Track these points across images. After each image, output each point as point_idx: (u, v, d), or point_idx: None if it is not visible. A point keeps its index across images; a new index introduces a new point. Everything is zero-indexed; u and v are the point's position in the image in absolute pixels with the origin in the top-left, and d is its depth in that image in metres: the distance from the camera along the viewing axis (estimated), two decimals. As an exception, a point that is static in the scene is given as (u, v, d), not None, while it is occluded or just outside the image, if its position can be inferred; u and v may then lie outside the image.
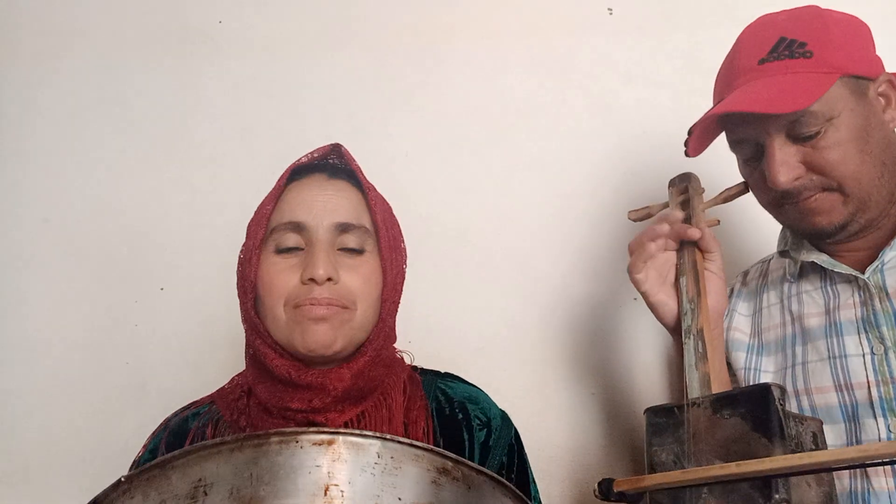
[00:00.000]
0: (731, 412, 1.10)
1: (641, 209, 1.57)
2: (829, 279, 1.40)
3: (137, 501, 0.67)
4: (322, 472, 0.64)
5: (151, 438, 1.34)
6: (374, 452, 0.66)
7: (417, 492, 0.66)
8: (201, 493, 0.64)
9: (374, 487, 0.65)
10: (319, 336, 1.21)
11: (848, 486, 1.25)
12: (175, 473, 0.66)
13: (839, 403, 1.30)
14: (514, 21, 2.15)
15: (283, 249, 1.26)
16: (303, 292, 1.22)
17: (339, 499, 0.63)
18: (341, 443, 0.66)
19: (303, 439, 0.66)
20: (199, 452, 0.66)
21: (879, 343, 1.27)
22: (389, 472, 0.66)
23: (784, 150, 1.29)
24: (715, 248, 1.40)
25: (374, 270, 1.28)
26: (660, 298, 1.39)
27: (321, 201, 1.26)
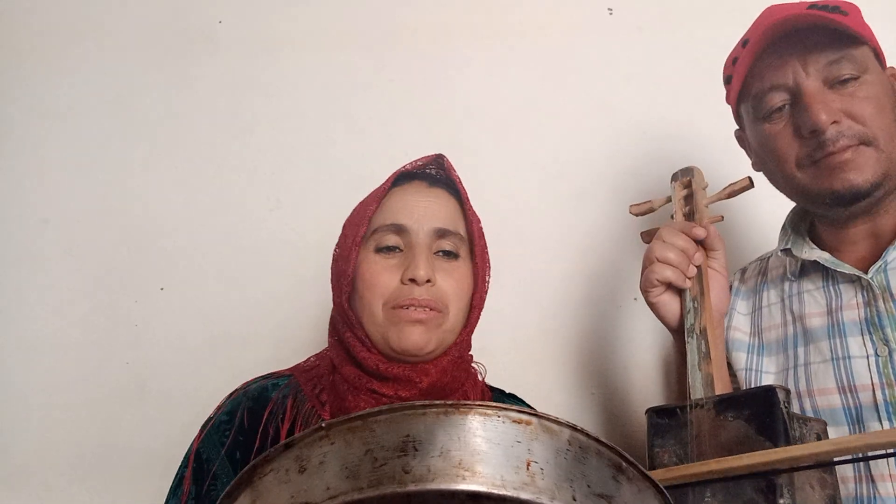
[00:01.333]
0: (735, 414, 1.10)
1: (643, 203, 1.57)
2: (831, 279, 1.38)
3: (339, 447, 0.67)
4: (523, 447, 0.66)
5: (229, 400, 1.36)
6: (566, 439, 0.68)
7: (602, 483, 0.68)
8: (411, 448, 0.66)
9: (567, 471, 0.66)
10: (415, 337, 1.27)
11: (854, 492, 1.24)
12: (379, 427, 0.67)
13: (843, 406, 1.28)
14: (514, 21, 2.14)
15: (382, 248, 1.32)
16: (403, 293, 1.28)
17: (539, 475, 0.65)
18: (537, 425, 0.67)
19: (504, 415, 0.67)
20: (405, 411, 0.68)
21: (884, 345, 1.26)
22: (579, 460, 0.67)
23: (823, 93, 1.30)
24: (719, 245, 1.39)
25: (466, 276, 1.36)
26: (662, 298, 1.39)
27: (422, 207, 1.33)
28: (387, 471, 0.65)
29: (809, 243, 1.42)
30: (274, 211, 2.05)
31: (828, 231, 1.43)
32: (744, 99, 1.44)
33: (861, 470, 1.24)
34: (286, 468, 0.69)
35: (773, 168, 1.41)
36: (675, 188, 1.53)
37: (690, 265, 1.36)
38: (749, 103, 1.42)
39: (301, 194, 2.05)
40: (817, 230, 1.46)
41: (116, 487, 1.89)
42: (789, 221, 1.50)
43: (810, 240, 1.44)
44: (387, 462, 0.66)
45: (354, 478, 0.66)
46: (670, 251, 1.36)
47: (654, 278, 1.37)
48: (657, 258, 1.37)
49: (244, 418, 1.30)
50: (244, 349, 1.95)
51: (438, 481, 0.64)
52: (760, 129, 1.40)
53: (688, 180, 1.51)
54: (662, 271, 1.36)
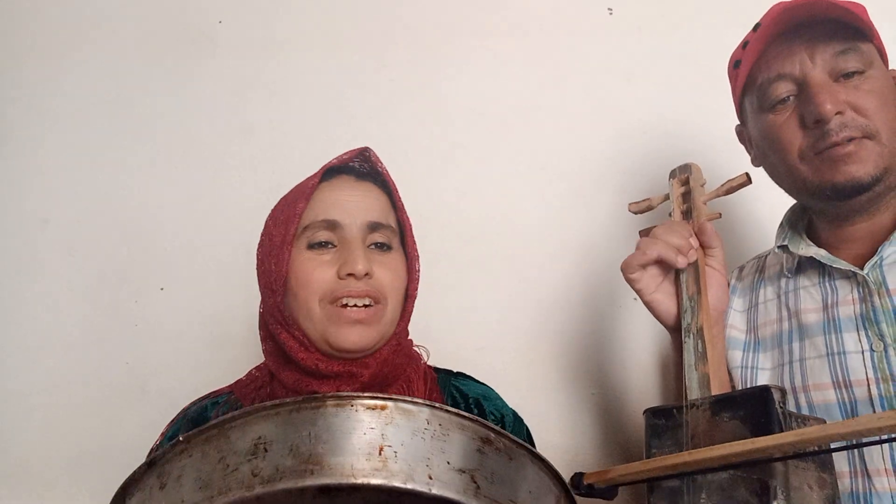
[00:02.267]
0: (731, 415, 1.09)
1: (642, 201, 1.57)
2: (827, 275, 1.38)
3: (196, 458, 0.69)
4: (376, 433, 0.68)
5: (170, 426, 1.38)
6: (424, 419, 0.70)
7: (464, 458, 0.70)
8: (262, 450, 0.67)
9: (425, 451, 0.68)
10: (354, 337, 1.27)
11: (849, 487, 1.23)
12: (234, 432, 0.69)
13: (838, 401, 1.28)
14: (514, 21, 2.14)
15: (315, 244, 1.30)
16: (340, 286, 1.27)
17: (392, 459, 0.67)
18: (393, 408, 0.69)
19: (357, 403, 0.69)
20: (258, 413, 0.69)
21: (879, 340, 1.26)
22: (438, 438, 0.69)
23: (829, 84, 1.31)
24: (716, 243, 1.39)
25: (400, 266, 1.35)
26: (656, 296, 1.39)
27: (353, 201, 1.33)
28: (237, 476, 0.66)
29: (806, 240, 1.42)
30: (274, 211, 2.05)
31: (825, 228, 1.43)
32: (748, 91, 1.44)
33: (856, 465, 1.24)
34: (150, 486, 0.72)
35: (775, 160, 1.41)
36: (672, 185, 1.53)
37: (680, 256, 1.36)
38: (754, 95, 1.42)
39: (301, 194, 2.05)
40: (815, 228, 1.46)
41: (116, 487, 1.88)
42: (787, 219, 1.50)
43: (808, 237, 1.44)
44: (238, 467, 0.67)
45: (206, 487, 0.67)
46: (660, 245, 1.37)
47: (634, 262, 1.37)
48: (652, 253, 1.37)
49: None
50: (244, 349, 1.95)
51: (285, 480, 0.65)
52: (764, 120, 1.40)
53: (685, 177, 1.51)
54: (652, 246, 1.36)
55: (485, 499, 0.69)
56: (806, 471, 1.02)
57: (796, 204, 1.50)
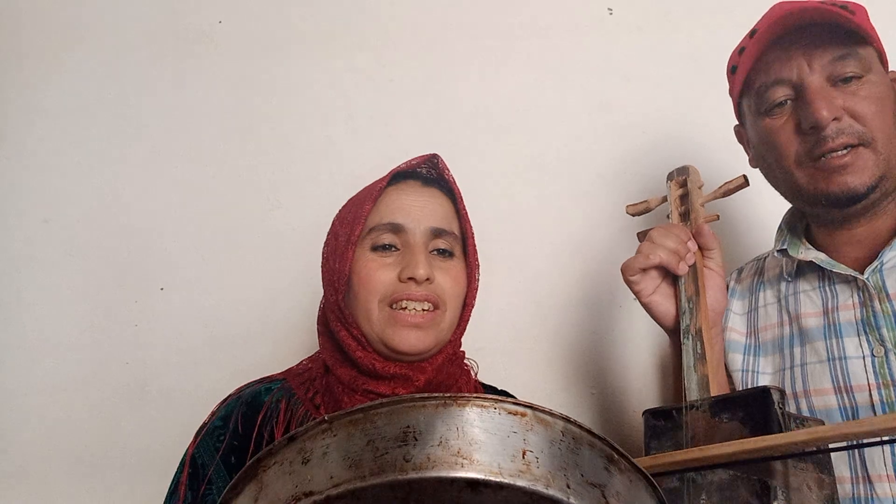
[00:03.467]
0: (730, 416, 1.10)
1: (640, 203, 1.57)
2: (827, 279, 1.38)
3: (341, 439, 0.71)
4: (518, 437, 0.69)
5: (222, 406, 1.37)
6: (559, 430, 0.71)
7: (595, 473, 0.71)
8: (412, 438, 0.69)
9: (561, 460, 0.70)
10: (412, 340, 1.29)
11: (851, 492, 1.24)
12: (380, 419, 0.70)
13: (839, 406, 1.28)
14: (514, 21, 2.14)
15: (379, 247, 1.33)
16: (400, 289, 1.29)
17: (534, 463, 0.68)
18: (532, 416, 0.71)
19: (500, 407, 0.71)
20: (405, 403, 0.71)
21: (880, 345, 1.26)
22: (572, 451, 0.71)
23: (826, 89, 1.32)
24: (714, 245, 1.39)
25: (461, 274, 1.37)
26: (654, 298, 1.39)
27: (418, 206, 1.35)
28: (388, 459, 0.68)
29: (805, 244, 1.43)
30: (274, 211, 2.05)
31: (824, 232, 1.43)
32: (746, 93, 1.45)
33: (858, 470, 1.24)
34: (290, 460, 0.72)
35: (772, 163, 1.41)
36: (670, 187, 1.53)
37: (682, 263, 1.37)
38: (752, 97, 1.42)
39: (301, 194, 2.05)
40: (813, 231, 1.46)
41: (116, 487, 1.89)
42: (785, 222, 1.50)
43: (806, 240, 1.44)
44: (388, 451, 0.68)
45: (357, 466, 0.68)
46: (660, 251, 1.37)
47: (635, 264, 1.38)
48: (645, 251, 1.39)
49: (238, 423, 1.31)
50: (244, 349, 1.95)
51: (438, 469, 0.67)
52: (761, 124, 1.41)
53: (683, 179, 1.51)
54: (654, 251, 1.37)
55: None
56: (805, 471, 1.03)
57: (794, 206, 1.50)
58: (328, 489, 0.68)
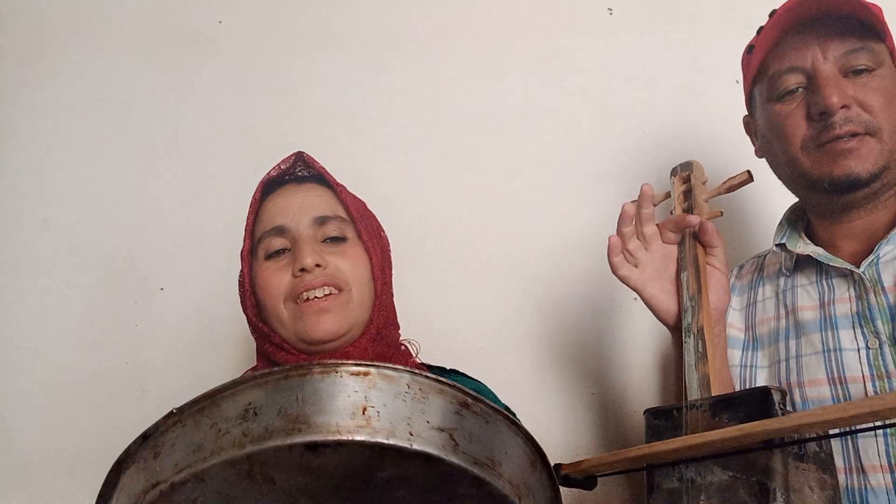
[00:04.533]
0: (731, 415, 1.09)
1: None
2: (824, 273, 1.39)
3: (189, 428, 0.73)
4: (360, 396, 0.72)
5: None
6: (405, 383, 0.74)
7: (443, 418, 0.74)
8: (251, 414, 0.71)
9: (405, 411, 0.73)
10: (324, 325, 1.30)
11: (845, 483, 1.24)
12: (225, 401, 0.73)
13: (833, 397, 1.30)
14: (514, 21, 2.14)
15: (271, 254, 1.37)
16: (297, 283, 1.32)
17: (375, 418, 0.71)
18: (376, 374, 0.74)
19: (342, 370, 0.73)
20: (248, 382, 0.73)
21: (874, 338, 1.27)
22: (418, 400, 0.73)
23: (838, 78, 1.34)
24: (718, 241, 1.39)
25: (359, 254, 1.39)
26: (653, 294, 1.39)
27: (296, 203, 1.38)
28: (228, 438, 0.71)
29: (804, 238, 1.44)
30: (274, 211, 2.04)
31: (823, 226, 1.44)
32: (759, 79, 1.46)
33: (851, 461, 1.25)
34: (144, 458, 0.75)
35: (777, 150, 1.43)
36: (674, 183, 1.52)
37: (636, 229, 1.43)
38: (764, 84, 1.44)
39: (301, 194, 2.05)
40: (813, 226, 1.47)
41: (116, 487, 1.88)
42: (786, 217, 1.52)
43: (806, 236, 1.45)
44: (229, 431, 0.71)
45: (199, 450, 0.71)
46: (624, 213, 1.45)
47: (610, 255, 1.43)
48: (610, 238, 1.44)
49: None
50: (244, 349, 1.95)
51: (275, 438, 0.69)
52: (771, 110, 1.42)
53: (687, 175, 1.51)
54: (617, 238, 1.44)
55: (463, 455, 0.74)
56: (806, 472, 1.02)
57: (796, 203, 1.52)
58: (172, 476, 0.71)
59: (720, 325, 1.39)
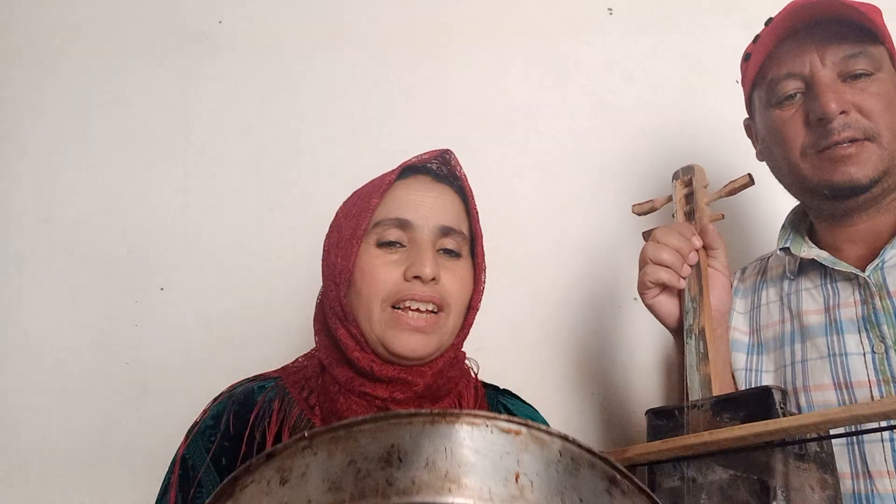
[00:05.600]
0: (732, 415, 1.10)
1: (645, 203, 1.56)
2: (829, 277, 1.39)
3: (321, 458, 0.66)
4: (512, 459, 0.65)
5: (213, 404, 1.33)
6: (557, 450, 0.67)
7: (594, 497, 0.67)
8: (396, 459, 0.64)
9: (558, 483, 0.65)
10: (413, 345, 1.23)
11: (851, 488, 1.24)
12: (363, 437, 0.66)
13: (838, 402, 1.29)
14: (514, 21, 2.15)
15: (384, 243, 1.27)
16: (405, 288, 1.24)
17: (528, 488, 0.64)
18: (527, 434, 0.66)
19: (493, 424, 0.66)
20: (391, 420, 0.66)
21: (880, 342, 1.27)
22: (570, 473, 0.66)
23: (836, 84, 1.33)
24: (719, 244, 1.39)
25: (467, 275, 1.32)
26: (658, 298, 1.39)
27: (428, 203, 1.29)
28: (370, 483, 0.64)
29: (808, 242, 1.43)
30: (274, 211, 2.04)
31: (827, 230, 1.44)
32: (758, 85, 1.46)
33: (858, 466, 1.24)
34: (268, 479, 0.68)
35: (778, 155, 1.43)
36: (676, 187, 1.53)
37: (685, 264, 1.37)
38: (763, 89, 1.44)
39: (301, 194, 2.05)
40: (816, 229, 1.47)
41: (116, 487, 1.89)
42: (789, 221, 1.51)
43: (809, 239, 1.45)
44: (370, 473, 0.64)
45: (337, 490, 0.64)
46: (664, 252, 1.37)
47: (648, 280, 1.37)
48: (651, 259, 1.38)
49: (230, 423, 1.26)
50: (244, 349, 1.95)
51: (423, 494, 0.63)
52: (771, 115, 1.42)
53: (688, 178, 1.51)
54: (656, 273, 1.36)
55: None
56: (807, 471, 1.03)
57: (798, 206, 1.52)
58: None
59: (722, 327, 1.39)
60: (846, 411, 0.87)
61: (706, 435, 0.99)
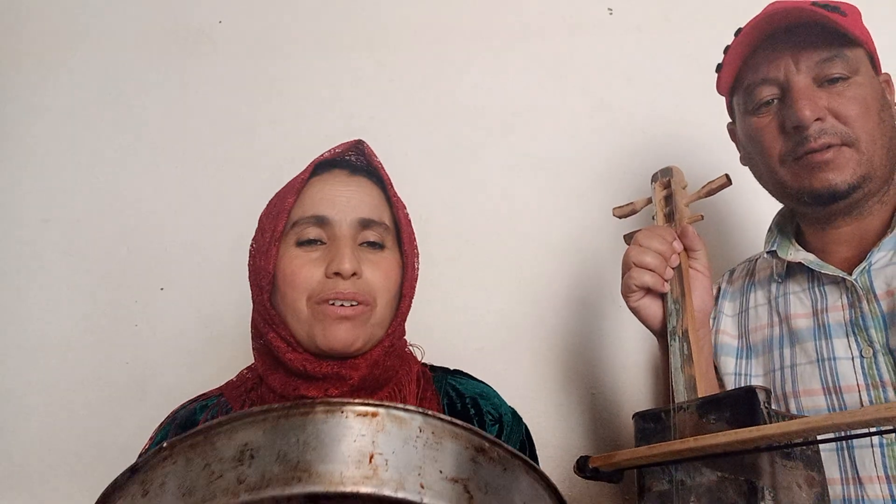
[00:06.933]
0: (717, 416, 1.10)
1: (626, 206, 1.57)
2: (816, 280, 1.39)
3: (180, 466, 0.67)
4: (367, 440, 0.65)
5: (159, 430, 1.35)
6: (416, 426, 0.67)
7: (457, 467, 0.67)
8: (247, 457, 0.65)
9: (417, 459, 0.66)
10: (341, 335, 1.22)
11: (841, 494, 1.24)
12: (220, 439, 0.66)
13: (828, 407, 1.29)
14: (514, 21, 2.14)
15: (304, 242, 1.27)
16: (327, 286, 1.23)
17: (383, 467, 0.64)
18: (385, 415, 0.67)
19: (348, 410, 0.67)
20: (245, 419, 0.67)
21: (868, 346, 1.26)
22: (431, 447, 0.67)
23: (811, 90, 1.32)
24: (699, 245, 1.39)
25: (393, 266, 1.31)
26: (641, 302, 1.39)
27: (345, 197, 1.29)
28: (221, 484, 0.64)
29: (795, 245, 1.43)
30: (274, 211, 2.05)
31: (813, 232, 1.43)
32: (736, 91, 1.46)
33: (848, 472, 1.24)
34: (132, 494, 0.69)
35: (758, 162, 1.43)
36: (655, 189, 1.53)
37: (668, 267, 1.36)
38: (741, 95, 1.44)
39: (301, 194, 2.05)
40: (803, 231, 1.47)
41: (116, 487, 1.89)
42: (775, 223, 1.51)
43: (796, 241, 1.44)
44: (223, 474, 0.65)
45: (189, 495, 0.65)
46: (647, 255, 1.37)
47: (632, 284, 1.37)
48: (634, 263, 1.38)
49: None
50: (244, 349, 1.94)
51: (273, 487, 0.63)
52: (748, 122, 1.42)
53: (667, 180, 1.51)
54: (640, 276, 1.36)
55: None
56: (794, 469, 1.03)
57: (784, 208, 1.51)
58: None
59: (705, 328, 1.38)
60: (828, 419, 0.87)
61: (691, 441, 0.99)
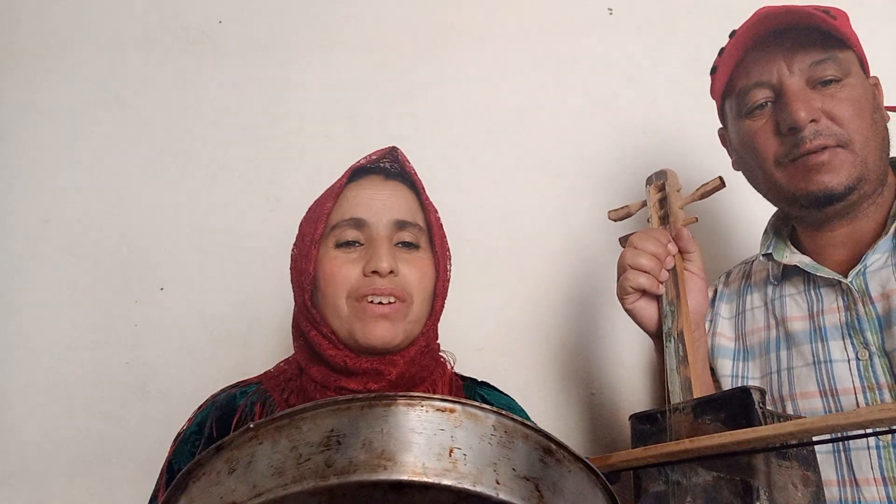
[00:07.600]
0: (713, 417, 1.10)
1: (621, 209, 1.57)
2: (812, 283, 1.39)
3: (266, 447, 0.70)
4: (446, 435, 0.68)
5: (198, 412, 1.39)
6: (490, 425, 0.70)
7: (528, 466, 0.70)
8: (335, 442, 0.68)
9: (492, 455, 0.69)
10: (380, 332, 1.28)
11: (837, 496, 1.24)
12: (305, 424, 0.70)
13: (824, 409, 1.29)
14: (514, 21, 2.14)
15: (342, 243, 1.33)
16: (365, 284, 1.30)
17: (462, 461, 0.67)
18: (462, 412, 0.70)
19: (427, 404, 0.70)
20: (330, 406, 0.70)
21: (864, 349, 1.27)
22: (504, 445, 0.70)
23: (805, 92, 1.33)
24: (694, 248, 1.40)
25: (427, 265, 1.37)
26: (636, 304, 1.39)
27: (380, 200, 1.35)
28: (310, 466, 0.67)
29: (790, 247, 1.43)
30: (274, 211, 2.05)
31: (808, 235, 1.43)
32: (728, 95, 1.47)
33: (845, 474, 1.24)
34: (217, 470, 0.72)
35: (753, 165, 1.43)
36: (649, 192, 1.54)
37: (662, 269, 1.37)
38: (733, 99, 1.44)
39: (301, 194, 2.04)
40: (798, 234, 1.47)
41: (116, 487, 1.89)
42: (771, 225, 1.51)
43: (791, 244, 1.44)
44: (311, 457, 0.68)
45: (279, 475, 0.68)
46: (642, 257, 1.38)
47: (627, 286, 1.38)
48: (630, 265, 1.39)
49: (213, 428, 1.33)
50: (244, 349, 1.95)
51: (360, 473, 0.66)
52: (742, 126, 1.42)
53: (661, 183, 1.52)
54: (636, 278, 1.37)
55: None
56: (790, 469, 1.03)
57: (779, 210, 1.51)
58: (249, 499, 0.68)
59: (700, 330, 1.39)
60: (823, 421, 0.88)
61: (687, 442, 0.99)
